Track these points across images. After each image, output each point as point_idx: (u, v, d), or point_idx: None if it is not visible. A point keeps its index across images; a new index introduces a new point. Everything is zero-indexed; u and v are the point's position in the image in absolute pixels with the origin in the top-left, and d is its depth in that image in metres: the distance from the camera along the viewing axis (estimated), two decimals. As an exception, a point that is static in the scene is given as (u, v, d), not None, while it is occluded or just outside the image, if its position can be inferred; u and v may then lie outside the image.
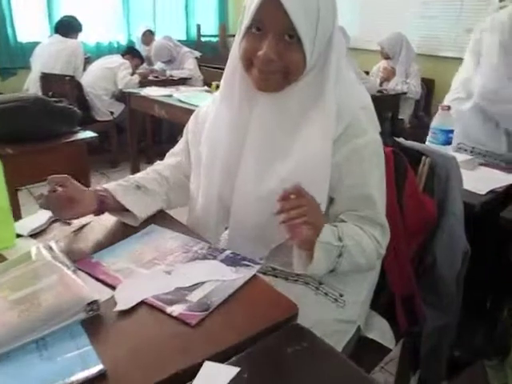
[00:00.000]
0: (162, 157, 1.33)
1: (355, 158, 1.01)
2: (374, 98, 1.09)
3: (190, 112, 1.32)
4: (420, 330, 1.33)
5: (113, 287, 0.88)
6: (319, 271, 0.96)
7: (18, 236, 1.09)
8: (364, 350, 1.20)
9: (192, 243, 1.03)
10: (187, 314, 0.79)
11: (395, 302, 1.27)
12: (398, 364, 1.51)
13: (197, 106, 2.70)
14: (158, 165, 1.29)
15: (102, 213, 1.15)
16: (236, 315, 0.81)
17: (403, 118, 4.19)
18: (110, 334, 0.77)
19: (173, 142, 1.35)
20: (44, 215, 1.19)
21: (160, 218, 1.19)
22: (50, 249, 1.02)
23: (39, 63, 3.98)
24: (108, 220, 1.18)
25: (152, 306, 0.82)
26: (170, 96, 3.08)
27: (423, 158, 1.30)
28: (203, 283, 0.88)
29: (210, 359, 0.71)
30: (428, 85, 4.41)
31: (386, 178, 1.16)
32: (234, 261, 0.96)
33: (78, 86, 3.96)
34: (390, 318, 1.26)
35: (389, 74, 4.22)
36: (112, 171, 4.14)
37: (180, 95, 3.02)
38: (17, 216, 2.80)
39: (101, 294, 0.86)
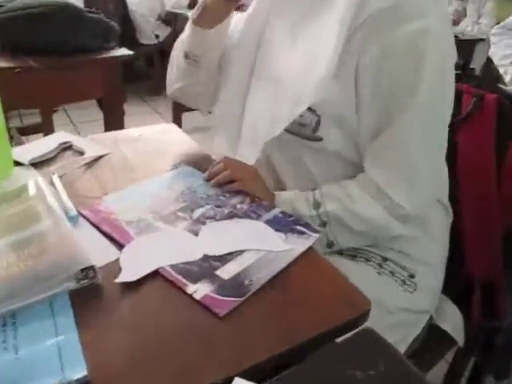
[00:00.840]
0: None
1: (398, 54, 0.70)
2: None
3: None
4: (497, 326, 1.07)
5: (121, 246, 0.65)
6: None
7: (18, 164, 0.87)
8: (432, 339, 0.96)
9: (229, 194, 0.79)
10: (215, 299, 0.56)
11: (472, 288, 1.01)
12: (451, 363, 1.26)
13: None
14: None
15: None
16: (283, 307, 0.57)
17: (474, 67, 3.68)
18: (105, 317, 0.54)
19: None
20: (54, 140, 0.97)
21: (193, 154, 0.95)
22: (52, 184, 0.80)
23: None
24: (130, 151, 0.95)
25: (168, 280, 0.59)
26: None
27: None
28: (241, 252, 0.64)
29: (242, 374, 0.47)
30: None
31: (484, 132, 0.90)
32: (284, 224, 0.71)
33: (123, 4, 3.66)
34: (460, 307, 1.00)
35: (459, 16, 3.66)
36: (155, 98, 3.92)
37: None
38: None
39: (102, 254, 0.64)
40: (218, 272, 0.60)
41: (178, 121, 3.34)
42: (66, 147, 0.96)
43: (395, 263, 0.85)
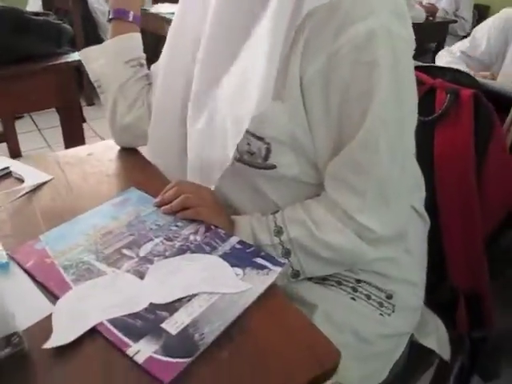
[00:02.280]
0: None
1: (345, 62, 0.60)
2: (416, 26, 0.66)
3: None
4: (484, 335, 1.01)
5: (55, 297, 0.57)
6: None
7: None
8: (414, 356, 0.90)
9: (182, 222, 0.71)
10: (159, 362, 0.48)
11: (457, 298, 0.95)
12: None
13: None
14: None
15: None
16: (238, 369, 0.49)
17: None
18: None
19: None
20: (-8, 168, 0.88)
21: (147, 176, 0.87)
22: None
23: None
24: (76, 175, 0.87)
25: (107, 340, 0.51)
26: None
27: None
28: (191, 298, 0.56)
29: None
30: (481, 12, 3.78)
31: (461, 132, 0.84)
32: (242, 257, 0.64)
33: (83, 1, 3.51)
34: (444, 318, 0.94)
35: (431, 10, 3.46)
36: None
37: (194, 12, 2.58)
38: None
39: (33, 309, 0.56)
40: (164, 325, 0.52)
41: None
42: (4, 175, 0.87)
43: (370, 285, 0.77)
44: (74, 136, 1.66)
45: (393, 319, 0.77)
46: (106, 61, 0.91)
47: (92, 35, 3.53)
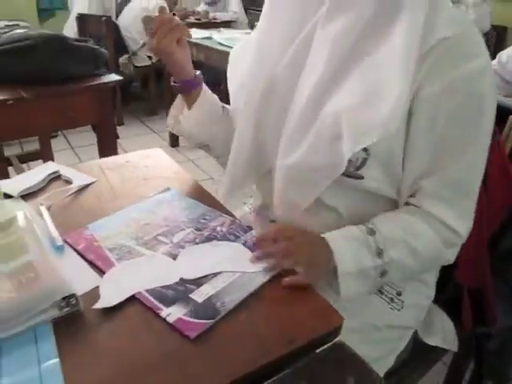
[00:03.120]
0: None
1: (460, 92, 0.69)
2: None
3: None
4: (488, 332, 1.08)
5: (103, 272, 0.68)
6: (355, 297, 0.74)
7: (7, 196, 0.91)
8: (419, 352, 0.97)
9: (210, 216, 0.82)
10: (187, 322, 0.59)
11: (461, 295, 1.02)
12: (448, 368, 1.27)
13: None
14: None
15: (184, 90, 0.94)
16: (254, 327, 0.59)
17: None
18: (86, 344, 0.57)
19: (216, 89, 1.10)
20: (43, 171, 1.00)
21: (179, 179, 0.98)
22: (40, 215, 0.84)
23: (76, 3, 3.77)
24: (116, 178, 0.98)
25: (144, 305, 0.62)
26: (210, 38, 2.81)
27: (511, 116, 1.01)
28: (216, 275, 0.67)
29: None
30: (499, 33, 3.89)
31: None
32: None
33: (116, 29, 3.73)
34: (452, 314, 1.02)
35: None
36: (151, 118, 3.98)
37: (220, 37, 2.74)
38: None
39: (86, 281, 0.67)
40: (192, 295, 0.63)
41: (174, 139, 3.40)
42: (55, 177, 0.99)
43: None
44: (108, 150, 1.79)
45: (400, 313, 0.85)
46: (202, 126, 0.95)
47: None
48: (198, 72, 0.94)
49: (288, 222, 0.82)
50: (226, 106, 0.99)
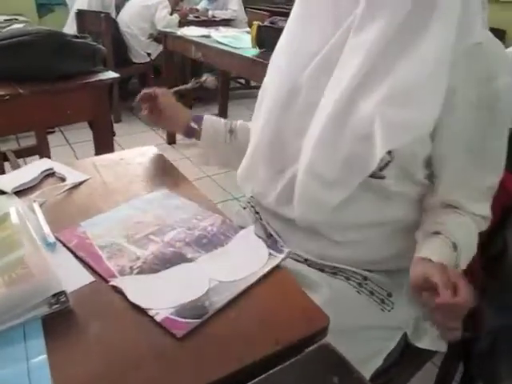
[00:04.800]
0: (201, 102, 1.14)
1: (485, 107, 0.74)
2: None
3: (228, 56, 1.10)
4: (476, 336, 1.09)
5: (93, 270, 0.69)
6: None
7: (1, 192, 0.91)
8: (408, 354, 0.98)
9: (202, 216, 0.82)
10: (174, 321, 0.59)
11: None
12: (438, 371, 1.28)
13: (237, 49, 2.36)
14: None
15: (190, 137, 1.08)
16: (242, 326, 0.60)
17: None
18: (74, 341, 0.58)
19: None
20: (37, 168, 1.01)
21: (172, 178, 0.99)
22: (33, 211, 0.84)
23: (76, -1, 3.77)
24: (110, 176, 0.99)
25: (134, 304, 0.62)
26: (208, 37, 2.81)
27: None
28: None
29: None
30: (498, 36, 3.88)
31: None
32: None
33: (115, 25, 3.73)
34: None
35: None
36: (149, 116, 3.97)
37: (218, 36, 2.74)
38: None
39: (76, 278, 0.67)
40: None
41: (171, 137, 3.40)
42: (49, 174, 1.00)
43: (375, 282, 0.87)
44: (104, 147, 1.80)
45: (391, 314, 0.86)
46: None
47: (121, 56, 3.74)
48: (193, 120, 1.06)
49: (308, 220, 0.83)
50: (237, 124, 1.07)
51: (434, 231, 0.77)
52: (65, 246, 0.74)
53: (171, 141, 3.40)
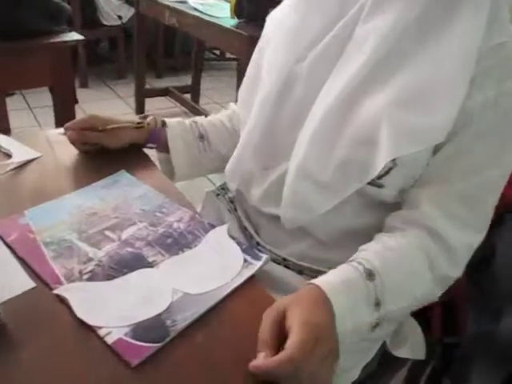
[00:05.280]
0: (172, 71, 0.99)
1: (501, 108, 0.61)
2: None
3: (205, 24, 0.97)
4: (457, 342, 1.04)
5: (34, 272, 0.58)
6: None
7: None
8: (388, 361, 0.92)
9: (168, 210, 0.72)
10: (128, 344, 0.49)
11: (432, 302, 0.96)
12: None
13: (215, 18, 2.20)
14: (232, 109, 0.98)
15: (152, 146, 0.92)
16: (210, 354, 0.50)
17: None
18: (5, 362, 0.47)
19: (186, 56, 1.00)
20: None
21: (138, 160, 0.87)
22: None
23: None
24: (66, 154, 0.86)
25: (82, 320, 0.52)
26: (184, 2, 2.63)
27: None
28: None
29: None
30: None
31: None
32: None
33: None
34: (420, 321, 0.96)
35: None
36: (118, 82, 3.78)
37: (195, 2, 2.57)
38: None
39: (12, 283, 0.56)
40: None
41: (140, 106, 3.23)
42: (-6, 150, 0.87)
43: None
44: (65, 116, 1.65)
45: None
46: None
47: (90, 17, 3.51)
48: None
49: (295, 222, 0.73)
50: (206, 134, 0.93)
51: (349, 260, 0.62)
52: (2, 240, 0.63)
53: (140, 111, 3.23)
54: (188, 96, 3.30)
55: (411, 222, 0.65)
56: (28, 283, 0.56)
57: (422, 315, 0.95)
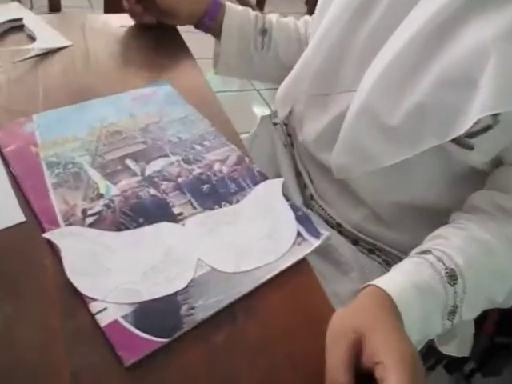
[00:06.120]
0: None
1: None
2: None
3: None
4: (507, 343, 0.90)
5: (27, 201, 0.44)
6: None
7: None
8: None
9: (210, 142, 0.56)
10: (124, 331, 0.36)
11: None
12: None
13: None
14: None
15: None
16: (238, 353, 0.36)
17: None
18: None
19: None
20: (1, 14, 0.72)
21: (185, 69, 0.71)
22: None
23: None
24: (100, 48, 0.71)
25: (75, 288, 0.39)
26: None
27: None
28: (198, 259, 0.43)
29: None
30: None
31: None
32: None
33: None
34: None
35: None
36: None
37: None
38: None
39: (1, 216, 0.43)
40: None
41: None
42: (15, 27, 0.71)
43: None
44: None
45: None
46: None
47: None
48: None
49: (348, 173, 0.59)
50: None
51: (423, 250, 0.48)
52: (-2, 149, 0.49)
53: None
54: (253, 0, 3.01)
55: (505, 210, 0.49)
56: (18, 215, 0.43)
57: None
